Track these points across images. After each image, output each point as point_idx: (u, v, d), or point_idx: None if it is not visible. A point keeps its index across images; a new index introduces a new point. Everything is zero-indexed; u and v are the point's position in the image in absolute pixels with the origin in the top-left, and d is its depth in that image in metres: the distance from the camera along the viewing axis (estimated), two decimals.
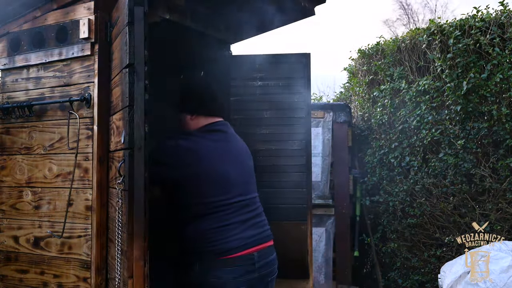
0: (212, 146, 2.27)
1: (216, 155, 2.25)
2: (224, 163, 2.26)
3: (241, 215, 2.23)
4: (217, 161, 2.24)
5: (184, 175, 2.18)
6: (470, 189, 4.01)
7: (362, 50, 5.27)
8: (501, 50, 3.80)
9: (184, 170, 2.18)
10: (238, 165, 2.33)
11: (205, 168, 2.18)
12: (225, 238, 2.15)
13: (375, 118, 4.81)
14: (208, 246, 2.16)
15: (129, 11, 2.22)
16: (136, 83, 2.20)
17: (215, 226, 2.16)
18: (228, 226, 2.18)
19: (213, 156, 2.24)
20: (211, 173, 2.19)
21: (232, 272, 2.14)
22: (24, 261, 2.73)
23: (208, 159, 2.21)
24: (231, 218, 2.19)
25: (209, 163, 2.20)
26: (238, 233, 2.19)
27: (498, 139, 3.85)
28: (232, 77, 3.58)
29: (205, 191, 2.17)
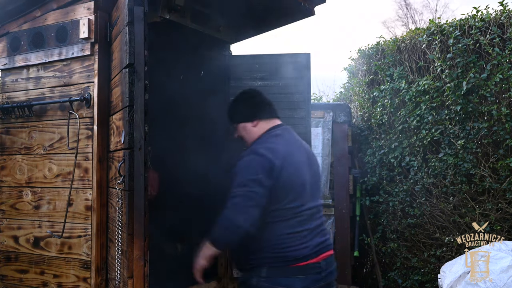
0: (288, 151, 2.19)
1: (293, 160, 2.17)
2: (300, 168, 2.20)
3: (311, 222, 2.17)
4: (296, 166, 2.17)
5: (275, 183, 2.07)
6: (470, 189, 4.01)
7: (362, 50, 5.27)
8: (501, 50, 3.80)
9: (275, 177, 2.07)
10: (310, 171, 2.25)
11: (288, 173, 2.11)
12: (298, 245, 2.10)
13: (375, 118, 4.81)
14: (280, 252, 2.08)
15: (129, 11, 2.22)
16: (136, 83, 2.20)
17: (289, 232, 2.10)
18: (300, 232, 2.12)
19: (292, 161, 2.16)
20: (293, 178, 2.13)
21: (302, 280, 2.08)
22: (24, 261, 2.73)
23: (288, 164, 2.12)
24: (304, 225, 2.14)
25: (290, 168, 2.13)
26: (308, 241, 2.13)
27: (498, 139, 3.85)
28: (232, 77, 3.58)
29: (286, 197, 2.10)
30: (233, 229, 2.04)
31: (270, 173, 2.05)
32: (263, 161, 2.08)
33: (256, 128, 2.33)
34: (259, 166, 2.07)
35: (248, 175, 2.06)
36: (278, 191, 2.08)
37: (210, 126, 3.57)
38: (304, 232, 2.13)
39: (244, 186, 2.04)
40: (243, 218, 2.00)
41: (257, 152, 2.14)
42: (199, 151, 3.63)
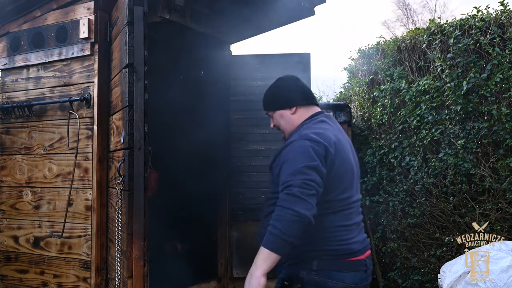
0: (337, 138, 1.99)
1: (342, 148, 1.99)
2: (348, 157, 2.02)
3: (357, 216, 2.04)
4: (345, 154, 1.99)
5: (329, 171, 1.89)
6: (470, 189, 4.00)
7: (362, 50, 5.26)
8: (501, 50, 3.80)
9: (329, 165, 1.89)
10: (354, 161, 2.09)
11: (340, 161, 1.93)
12: (349, 239, 1.95)
13: (375, 118, 4.80)
14: (332, 245, 1.93)
15: (129, 11, 2.22)
16: (135, 83, 2.20)
17: (340, 225, 1.94)
18: (351, 226, 1.98)
19: (341, 149, 1.97)
20: (344, 167, 1.96)
21: (353, 276, 1.95)
22: (24, 261, 2.73)
23: (339, 152, 1.95)
24: (352, 218, 1.99)
25: (341, 156, 1.95)
26: (356, 235, 1.99)
27: (498, 139, 3.85)
28: (232, 77, 3.58)
29: (338, 187, 1.93)
30: (298, 220, 1.75)
31: (326, 159, 1.88)
32: (318, 147, 1.88)
33: (295, 115, 2.12)
34: (314, 152, 1.86)
35: (304, 162, 1.83)
36: (331, 181, 1.90)
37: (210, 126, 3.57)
38: (353, 226, 1.99)
39: (301, 173, 1.80)
40: (305, 207, 1.75)
41: (309, 138, 1.91)
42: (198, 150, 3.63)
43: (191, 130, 3.65)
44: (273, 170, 1.99)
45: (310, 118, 2.11)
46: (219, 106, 3.56)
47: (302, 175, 1.80)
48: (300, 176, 1.80)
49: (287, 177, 1.83)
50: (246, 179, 3.52)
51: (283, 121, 2.16)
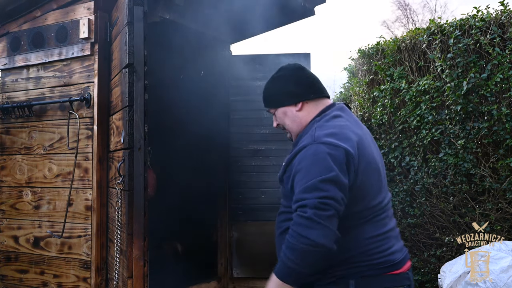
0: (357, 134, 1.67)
1: (366, 145, 1.68)
2: (373, 154, 1.71)
3: (391, 221, 1.72)
4: (369, 152, 1.68)
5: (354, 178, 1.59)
6: (470, 189, 4.00)
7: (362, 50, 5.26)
8: (501, 50, 3.79)
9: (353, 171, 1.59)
10: (378, 152, 1.78)
11: (365, 162, 1.62)
12: (388, 248, 1.64)
13: (375, 118, 4.80)
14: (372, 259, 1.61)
15: (129, 11, 2.22)
16: (135, 83, 2.20)
17: (377, 234, 1.63)
18: (387, 233, 1.67)
19: (364, 146, 1.66)
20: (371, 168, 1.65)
21: None
22: (24, 261, 2.73)
23: (363, 151, 1.64)
24: (387, 224, 1.68)
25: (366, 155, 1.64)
26: (395, 243, 1.69)
27: (498, 139, 3.85)
28: (232, 77, 3.58)
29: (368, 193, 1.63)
30: (314, 251, 1.47)
31: (348, 166, 1.56)
32: (336, 152, 1.55)
33: (302, 112, 1.77)
34: (332, 159, 1.53)
35: (320, 174, 1.51)
36: (358, 189, 1.60)
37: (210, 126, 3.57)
38: (389, 232, 1.68)
39: (317, 189, 1.50)
40: (322, 234, 1.46)
41: (324, 141, 1.58)
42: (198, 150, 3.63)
43: (191, 130, 3.64)
44: (285, 184, 1.68)
45: (321, 114, 1.76)
46: (219, 106, 3.56)
47: (317, 191, 1.50)
48: (316, 194, 1.49)
49: (301, 194, 1.53)
50: (246, 179, 3.52)
51: (288, 120, 1.82)
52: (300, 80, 1.81)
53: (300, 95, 1.79)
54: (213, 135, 3.57)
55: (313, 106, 1.79)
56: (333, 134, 1.62)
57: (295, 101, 1.79)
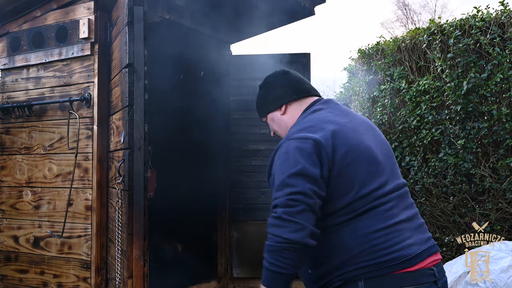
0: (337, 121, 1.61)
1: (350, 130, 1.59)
2: (364, 138, 1.60)
3: (405, 210, 1.56)
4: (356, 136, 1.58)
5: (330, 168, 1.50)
6: (470, 189, 4.00)
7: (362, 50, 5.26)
8: (501, 50, 3.80)
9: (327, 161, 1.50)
10: (378, 141, 1.65)
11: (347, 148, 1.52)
12: (398, 243, 1.48)
13: (375, 118, 4.81)
14: (377, 256, 1.47)
15: (129, 11, 2.22)
16: (135, 83, 2.20)
17: (379, 228, 1.49)
18: (395, 225, 1.50)
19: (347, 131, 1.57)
20: (357, 153, 1.54)
21: None
22: (24, 261, 2.73)
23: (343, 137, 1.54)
24: (395, 215, 1.52)
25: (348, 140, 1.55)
26: (411, 236, 1.52)
27: (498, 139, 3.85)
28: (232, 77, 3.58)
29: (354, 181, 1.51)
30: (289, 248, 1.43)
31: (319, 156, 1.50)
32: (304, 144, 1.51)
33: (286, 115, 1.77)
34: (299, 153, 1.50)
35: (287, 170, 1.49)
36: (340, 178, 1.51)
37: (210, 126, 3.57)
38: (400, 224, 1.51)
39: (285, 186, 1.48)
40: (294, 230, 1.43)
41: (294, 137, 1.56)
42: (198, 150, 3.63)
43: (191, 130, 3.65)
44: (271, 186, 1.64)
45: (303, 113, 1.73)
46: (219, 106, 3.56)
47: (286, 188, 1.47)
48: (285, 191, 1.47)
49: (273, 194, 1.52)
50: (246, 179, 3.52)
51: (275, 125, 1.82)
52: (282, 83, 1.81)
53: (282, 98, 1.78)
54: (213, 135, 3.57)
55: (296, 106, 1.77)
56: (306, 128, 1.59)
57: (278, 105, 1.78)
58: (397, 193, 1.57)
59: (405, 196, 1.61)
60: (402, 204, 1.57)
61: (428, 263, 1.51)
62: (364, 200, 1.51)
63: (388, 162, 1.62)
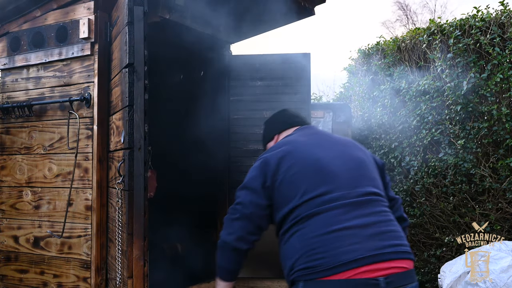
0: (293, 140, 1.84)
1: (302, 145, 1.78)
2: (314, 148, 1.76)
3: (360, 217, 1.59)
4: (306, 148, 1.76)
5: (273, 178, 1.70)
6: (470, 189, 4.00)
7: (362, 50, 5.27)
8: (501, 50, 3.80)
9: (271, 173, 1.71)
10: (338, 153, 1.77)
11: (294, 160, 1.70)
12: (336, 248, 1.50)
13: (375, 118, 4.81)
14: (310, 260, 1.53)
15: (129, 11, 2.22)
16: (135, 83, 2.20)
17: (325, 231, 1.54)
18: (341, 230, 1.54)
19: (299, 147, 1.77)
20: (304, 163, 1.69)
21: None
22: (24, 261, 2.73)
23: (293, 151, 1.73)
24: (344, 220, 1.57)
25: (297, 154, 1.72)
26: (357, 242, 1.52)
27: (498, 139, 3.85)
28: (232, 77, 3.58)
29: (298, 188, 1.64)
30: (223, 247, 1.73)
31: (263, 170, 1.72)
32: (256, 163, 1.78)
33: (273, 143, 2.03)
34: (250, 170, 1.78)
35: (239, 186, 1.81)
36: (285, 185, 1.67)
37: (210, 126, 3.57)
38: (348, 230, 1.54)
39: (235, 197, 1.81)
40: (227, 232, 1.73)
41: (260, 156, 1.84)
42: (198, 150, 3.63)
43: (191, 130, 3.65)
44: None
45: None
46: (219, 106, 3.56)
47: (235, 198, 1.81)
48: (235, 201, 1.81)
49: None
50: None
51: None
52: (276, 118, 2.11)
53: (274, 130, 2.06)
54: (213, 135, 3.57)
55: (283, 135, 2.01)
56: (268, 151, 1.84)
57: (271, 137, 2.06)
58: (351, 200, 1.63)
59: (366, 203, 1.65)
60: (357, 211, 1.61)
61: (374, 274, 1.48)
62: (307, 206, 1.62)
63: (349, 173, 1.71)
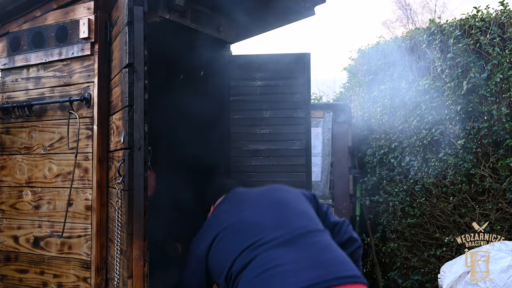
0: (225, 206, 2.15)
1: (231, 209, 2.06)
2: (241, 211, 2.00)
3: (291, 253, 1.63)
4: (235, 211, 2.01)
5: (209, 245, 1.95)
6: (470, 189, 4.00)
7: (362, 50, 5.27)
8: (501, 50, 3.80)
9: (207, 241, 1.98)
10: (259, 205, 1.98)
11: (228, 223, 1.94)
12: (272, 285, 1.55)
13: (375, 118, 4.81)
14: None
15: (129, 10, 2.22)
16: (135, 83, 2.20)
17: (258, 273, 1.60)
18: (274, 268, 1.59)
19: (228, 211, 2.05)
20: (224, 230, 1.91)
21: None
22: (24, 261, 2.73)
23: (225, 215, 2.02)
24: (276, 259, 1.62)
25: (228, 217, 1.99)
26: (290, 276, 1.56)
27: (498, 139, 3.85)
28: (232, 77, 3.58)
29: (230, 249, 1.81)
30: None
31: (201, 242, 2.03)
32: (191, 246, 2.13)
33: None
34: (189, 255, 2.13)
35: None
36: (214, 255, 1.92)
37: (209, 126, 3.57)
38: (279, 267, 1.58)
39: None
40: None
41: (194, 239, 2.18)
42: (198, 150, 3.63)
43: (191, 130, 3.65)
44: None
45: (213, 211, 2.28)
46: (219, 106, 3.56)
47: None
48: None
49: None
50: (246, 179, 3.51)
51: None
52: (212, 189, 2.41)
53: (209, 205, 2.37)
54: (213, 135, 3.57)
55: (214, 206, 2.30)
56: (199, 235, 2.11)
57: (208, 207, 2.37)
58: (282, 239, 1.69)
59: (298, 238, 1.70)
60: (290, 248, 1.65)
61: None
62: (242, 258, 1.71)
63: (273, 217, 1.83)
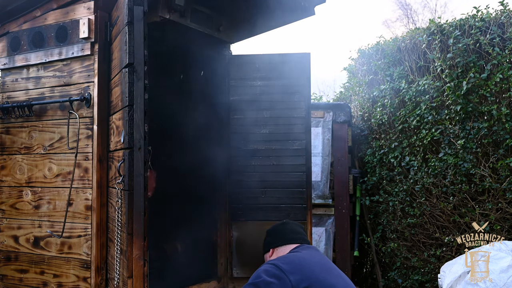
0: (306, 257, 2.11)
1: (315, 266, 2.06)
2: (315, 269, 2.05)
3: None
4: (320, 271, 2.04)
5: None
6: (470, 189, 4.00)
7: (362, 50, 5.27)
8: (501, 50, 3.80)
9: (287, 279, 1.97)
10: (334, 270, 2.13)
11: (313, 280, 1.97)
12: None
13: (375, 118, 4.81)
14: None
15: (129, 10, 2.22)
16: (135, 82, 2.20)
17: None
18: None
19: (313, 266, 2.05)
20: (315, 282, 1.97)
21: None
22: (24, 260, 2.73)
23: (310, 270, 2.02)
24: None
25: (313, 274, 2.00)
26: None
27: (498, 139, 3.85)
28: (232, 77, 3.58)
29: None
30: None
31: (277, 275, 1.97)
32: (270, 267, 2.01)
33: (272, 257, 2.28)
34: (264, 271, 2.00)
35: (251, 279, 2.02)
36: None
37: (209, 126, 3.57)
38: None
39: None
40: None
41: (268, 262, 2.08)
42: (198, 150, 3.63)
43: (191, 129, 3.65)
44: None
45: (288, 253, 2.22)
46: (219, 105, 3.56)
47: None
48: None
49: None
50: (246, 179, 3.51)
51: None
52: (274, 232, 2.36)
53: (270, 243, 2.33)
54: (213, 135, 3.56)
55: (281, 251, 2.26)
56: (279, 259, 2.08)
57: (268, 249, 2.34)
58: None
59: None
60: None
61: None
62: None
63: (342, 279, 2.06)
